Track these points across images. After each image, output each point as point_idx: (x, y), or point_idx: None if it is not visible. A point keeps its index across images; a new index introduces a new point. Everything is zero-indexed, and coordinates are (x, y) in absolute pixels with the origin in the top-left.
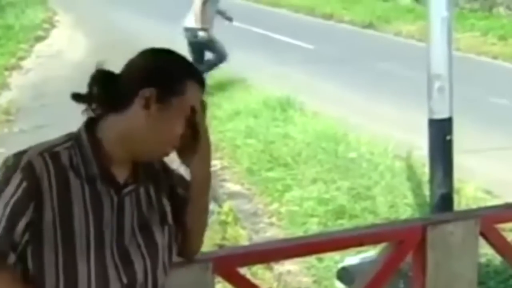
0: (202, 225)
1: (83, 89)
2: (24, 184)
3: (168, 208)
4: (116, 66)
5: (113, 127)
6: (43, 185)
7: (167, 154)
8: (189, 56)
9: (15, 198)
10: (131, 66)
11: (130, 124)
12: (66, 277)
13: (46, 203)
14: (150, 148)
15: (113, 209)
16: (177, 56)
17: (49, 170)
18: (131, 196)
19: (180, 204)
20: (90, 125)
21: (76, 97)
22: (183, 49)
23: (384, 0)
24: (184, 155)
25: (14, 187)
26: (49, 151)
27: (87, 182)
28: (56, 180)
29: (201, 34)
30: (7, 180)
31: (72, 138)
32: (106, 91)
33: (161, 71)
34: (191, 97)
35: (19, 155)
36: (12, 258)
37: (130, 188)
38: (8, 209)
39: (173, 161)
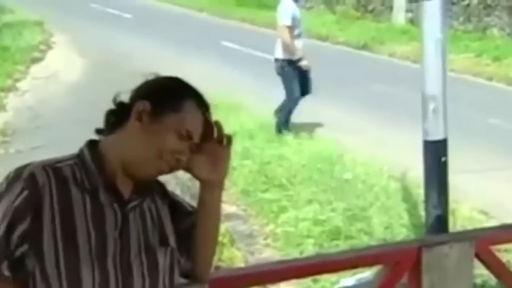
0: (209, 252)
1: (79, 109)
2: (25, 193)
3: (169, 230)
4: (112, 85)
5: (113, 144)
6: (44, 197)
7: (162, 172)
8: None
9: (14, 206)
10: (135, 89)
11: (126, 137)
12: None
13: (46, 215)
14: (143, 162)
15: (117, 224)
16: (181, 79)
17: (51, 184)
18: (135, 213)
19: (184, 230)
20: (93, 144)
21: (98, 131)
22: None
23: (378, 21)
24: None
25: (15, 196)
26: (52, 166)
27: (89, 195)
28: (57, 193)
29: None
30: (8, 190)
31: (75, 157)
32: (119, 118)
33: (159, 87)
34: (187, 116)
35: (21, 168)
36: (5, 266)
37: (133, 203)
38: (7, 218)
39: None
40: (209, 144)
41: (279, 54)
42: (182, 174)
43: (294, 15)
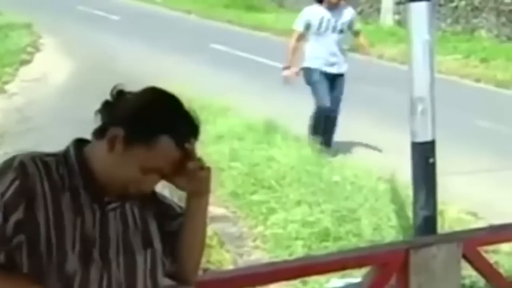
0: (195, 256)
1: (67, 111)
2: (17, 182)
3: (155, 233)
4: (100, 87)
5: (96, 152)
6: (36, 186)
7: (130, 192)
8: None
9: (6, 196)
10: (126, 99)
11: (99, 153)
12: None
13: (39, 205)
14: (113, 182)
15: (95, 223)
16: (171, 106)
17: (41, 174)
18: (116, 213)
19: (171, 232)
20: (80, 143)
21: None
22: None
23: (366, 23)
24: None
25: (6, 186)
26: (41, 159)
27: (70, 193)
28: (48, 184)
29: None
30: None
31: (60, 153)
32: (102, 116)
33: (140, 116)
34: (157, 154)
35: (10, 159)
36: (2, 257)
37: (114, 205)
38: (0, 208)
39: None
40: (188, 170)
41: (304, 62)
42: None
43: (311, 21)
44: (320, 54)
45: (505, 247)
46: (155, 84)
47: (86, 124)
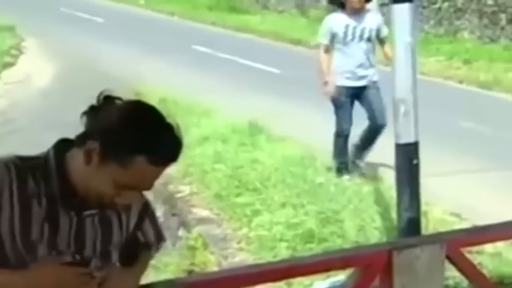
0: None
1: (51, 114)
2: None
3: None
4: (83, 90)
5: (73, 159)
6: (3, 193)
7: (106, 203)
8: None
9: None
10: (108, 112)
11: (76, 162)
12: None
13: (5, 208)
14: (86, 192)
15: (71, 228)
16: (150, 126)
17: (12, 181)
18: (94, 219)
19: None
20: (63, 145)
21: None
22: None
23: None
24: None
25: None
26: (15, 163)
27: (47, 198)
28: (18, 192)
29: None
30: None
31: (42, 156)
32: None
33: (117, 135)
34: (134, 173)
35: None
36: None
37: (92, 211)
38: None
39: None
40: None
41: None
42: None
43: (335, 31)
44: (346, 67)
45: (488, 248)
46: (138, 86)
47: (69, 126)
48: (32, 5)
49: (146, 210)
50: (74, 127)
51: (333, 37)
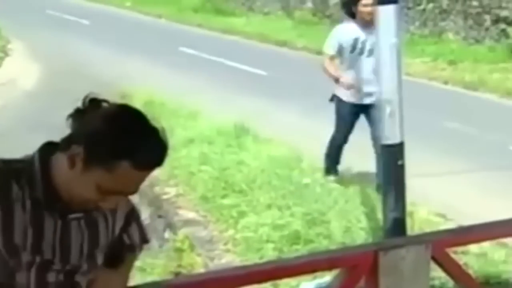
0: None
1: (36, 116)
2: None
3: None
4: (69, 92)
5: (58, 163)
6: None
7: (90, 207)
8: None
9: None
10: (93, 116)
11: (61, 166)
12: None
13: None
14: (70, 196)
15: (56, 231)
16: (135, 131)
17: None
18: (80, 221)
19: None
20: (48, 148)
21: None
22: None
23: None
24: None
25: None
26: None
27: (31, 201)
28: (0, 191)
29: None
30: None
31: (28, 160)
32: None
33: (101, 140)
34: (118, 178)
35: None
36: None
37: (77, 215)
38: None
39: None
40: None
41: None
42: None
43: (343, 43)
44: (355, 83)
45: (474, 248)
46: (125, 87)
47: (55, 129)
48: (18, 7)
49: (133, 214)
50: (60, 129)
51: (340, 49)
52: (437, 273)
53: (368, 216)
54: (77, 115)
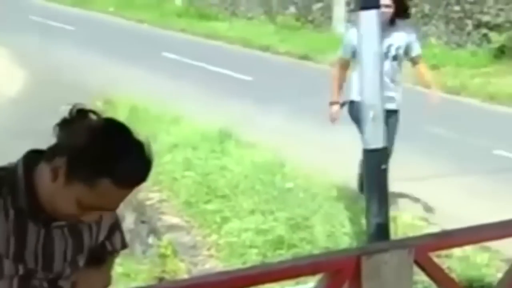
0: None
1: (19, 123)
2: None
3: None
4: (53, 99)
5: (41, 174)
6: None
7: (70, 220)
8: None
9: None
10: (78, 129)
11: (44, 178)
12: None
13: None
14: (51, 208)
15: (39, 240)
16: (119, 148)
17: None
18: (63, 230)
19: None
20: (33, 156)
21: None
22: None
23: (319, 31)
24: None
25: None
26: None
27: (14, 210)
28: None
29: None
30: None
31: (11, 168)
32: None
33: (84, 156)
34: (100, 194)
35: None
36: None
37: (60, 223)
38: None
39: None
40: None
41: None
42: None
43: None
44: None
45: (457, 251)
46: (109, 93)
47: (39, 136)
48: (1, 13)
49: (116, 224)
50: (44, 136)
51: (355, 52)
52: (420, 277)
53: (352, 220)
54: (64, 125)
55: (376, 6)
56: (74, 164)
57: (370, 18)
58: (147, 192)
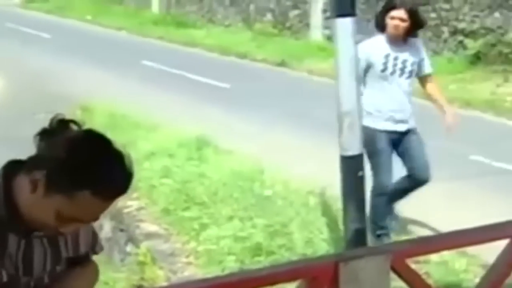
0: None
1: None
2: None
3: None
4: (30, 106)
5: (21, 185)
6: None
7: (49, 231)
8: None
9: None
10: (58, 141)
11: (23, 189)
12: None
13: None
14: (31, 219)
15: (19, 249)
16: (98, 160)
17: None
18: (43, 240)
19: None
20: (14, 166)
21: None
22: None
23: (296, 38)
24: None
25: None
26: None
27: None
28: None
29: None
30: None
31: None
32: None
33: (63, 168)
34: (79, 207)
35: None
36: None
37: (39, 233)
38: None
39: None
40: None
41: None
42: None
43: (373, 59)
44: (384, 106)
45: (435, 257)
46: (86, 101)
47: (15, 142)
48: None
49: (95, 237)
50: (22, 143)
51: (368, 67)
52: (398, 283)
53: (330, 227)
54: (44, 136)
55: (352, 14)
56: (54, 176)
57: (345, 25)
58: (125, 200)
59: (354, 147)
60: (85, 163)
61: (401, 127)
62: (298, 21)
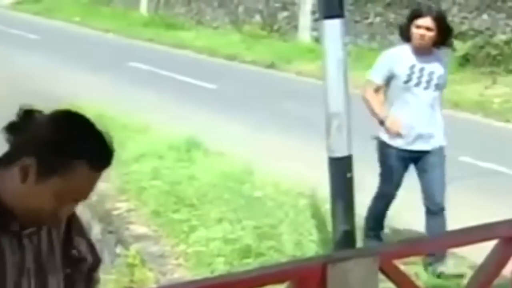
0: None
1: None
2: None
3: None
4: (13, 105)
5: (3, 180)
6: None
7: (46, 219)
8: None
9: None
10: (37, 126)
11: (8, 183)
12: None
13: None
14: (23, 212)
15: (14, 251)
16: (83, 131)
17: None
18: (32, 238)
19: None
20: None
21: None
22: None
23: (284, 40)
24: None
25: None
26: None
27: None
28: None
29: None
30: None
31: None
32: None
33: (52, 146)
34: (75, 181)
35: None
36: None
37: (29, 230)
38: None
39: None
40: None
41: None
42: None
43: (396, 70)
44: (407, 122)
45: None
46: (74, 102)
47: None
48: None
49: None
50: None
51: (390, 78)
52: (387, 285)
53: (319, 228)
54: (14, 129)
55: (340, 15)
56: (45, 157)
57: (334, 27)
58: (114, 202)
59: (342, 149)
60: (74, 136)
61: (423, 146)
62: (286, 23)
